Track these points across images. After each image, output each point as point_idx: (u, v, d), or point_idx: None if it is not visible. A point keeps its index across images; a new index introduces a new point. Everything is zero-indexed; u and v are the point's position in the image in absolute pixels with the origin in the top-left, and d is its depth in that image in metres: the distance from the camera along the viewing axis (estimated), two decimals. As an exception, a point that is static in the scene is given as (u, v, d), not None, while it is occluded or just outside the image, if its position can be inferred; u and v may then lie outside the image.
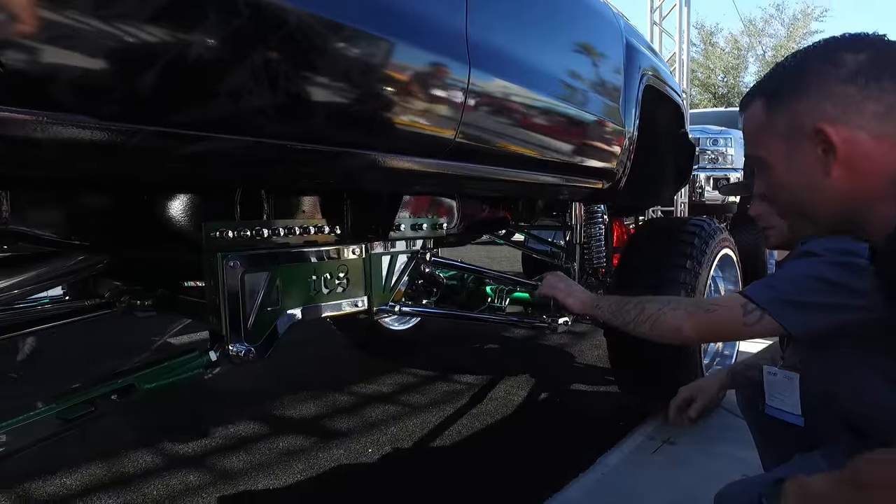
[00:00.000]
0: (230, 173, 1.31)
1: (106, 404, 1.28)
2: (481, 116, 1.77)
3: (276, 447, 2.60)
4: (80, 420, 1.24)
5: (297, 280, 1.64)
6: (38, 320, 1.84)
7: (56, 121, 0.92)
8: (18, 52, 0.84)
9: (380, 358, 3.99)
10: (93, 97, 0.95)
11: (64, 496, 2.18)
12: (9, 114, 0.87)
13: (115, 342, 4.46)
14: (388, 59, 1.45)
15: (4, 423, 1.12)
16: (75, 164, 1.04)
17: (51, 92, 0.90)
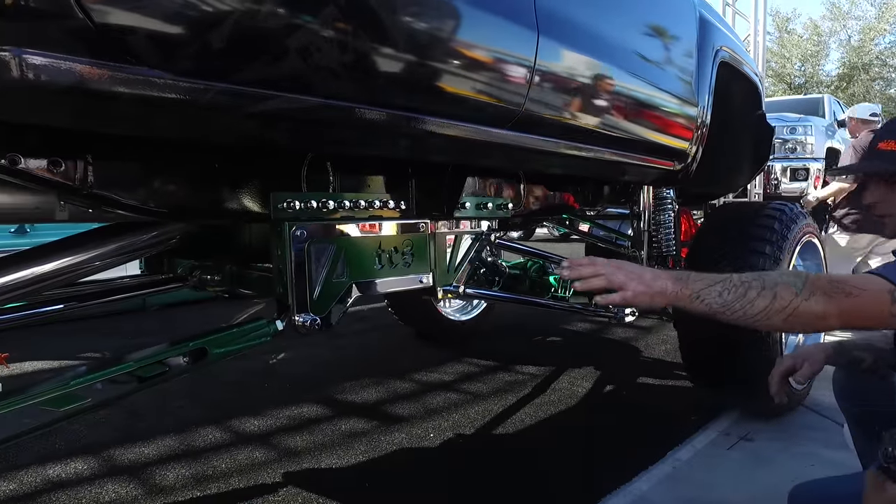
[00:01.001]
0: (297, 136, 1.30)
1: (177, 366, 1.30)
2: (549, 86, 1.71)
3: (339, 429, 2.62)
4: (154, 380, 1.27)
5: (362, 253, 1.63)
6: (118, 289, 1.91)
7: (134, 75, 0.93)
8: (105, 5, 0.86)
9: (440, 347, 3.97)
10: (169, 53, 0.96)
11: (143, 463, 2.27)
12: (94, 67, 0.88)
13: (185, 328, 4.66)
14: (456, 22, 1.42)
15: (85, 377, 1.16)
16: (150, 122, 1.05)
17: (131, 47, 0.91)
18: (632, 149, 2.27)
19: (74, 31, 0.86)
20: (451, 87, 1.45)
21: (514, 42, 1.57)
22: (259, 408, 2.85)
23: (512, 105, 1.63)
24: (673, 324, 2.95)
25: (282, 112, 1.14)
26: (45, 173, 1.21)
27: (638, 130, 2.22)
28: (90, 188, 1.26)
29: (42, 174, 1.21)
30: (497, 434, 2.58)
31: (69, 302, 1.90)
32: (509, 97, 1.61)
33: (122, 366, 1.21)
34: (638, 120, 2.19)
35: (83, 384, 1.15)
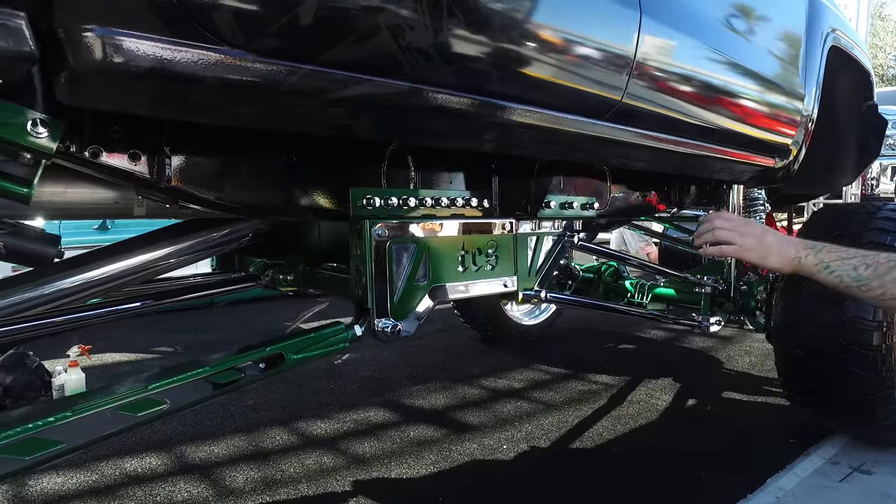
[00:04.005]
0: (381, 125, 1.20)
1: (253, 372, 1.23)
2: (651, 73, 1.55)
3: (407, 436, 2.52)
4: (230, 386, 1.20)
5: (445, 254, 1.52)
6: (195, 287, 1.89)
7: (216, 56, 0.85)
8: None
9: (508, 353, 3.83)
10: (252, 31, 0.87)
11: (213, 462, 2.25)
12: (176, 47, 0.81)
13: (251, 324, 4.71)
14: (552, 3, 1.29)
15: (163, 381, 1.10)
16: (229, 109, 0.97)
17: (214, 24, 0.83)
18: (732, 143, 2.07)
19: (159, 8, 0.79)
20: (547, 74, 1.32)
21: (616, 23, 1.42)
22: (325, 410, 2.80)
23: (611, 94, 1.48)
24: (766, 336, 2.71)
25: (368, 98, 1.04)
26: (124, 166, 1.16)
27: (740, 123, 2.01)
28: (167, 182, 1.21)
29: (122, 167, 1.16)
30: (574, 448, 2.42)
31: (146, 300, 1.88)
32: (608, 85, 1.46)
33: (198, 370, 1.14)
34: (740, 111, 1.99)
35: (162, 388, 1.09)
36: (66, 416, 0.99)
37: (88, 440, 1.03)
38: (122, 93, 0.86)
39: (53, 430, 0.98)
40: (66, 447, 1.00)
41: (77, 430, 1.01)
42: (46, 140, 0.97)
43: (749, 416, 2.82)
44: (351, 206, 1.41)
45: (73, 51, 0.77)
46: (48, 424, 0.98)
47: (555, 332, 4.30)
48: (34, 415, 0.99)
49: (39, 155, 1.01)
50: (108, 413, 1.04)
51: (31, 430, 0.96)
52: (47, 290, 1.56)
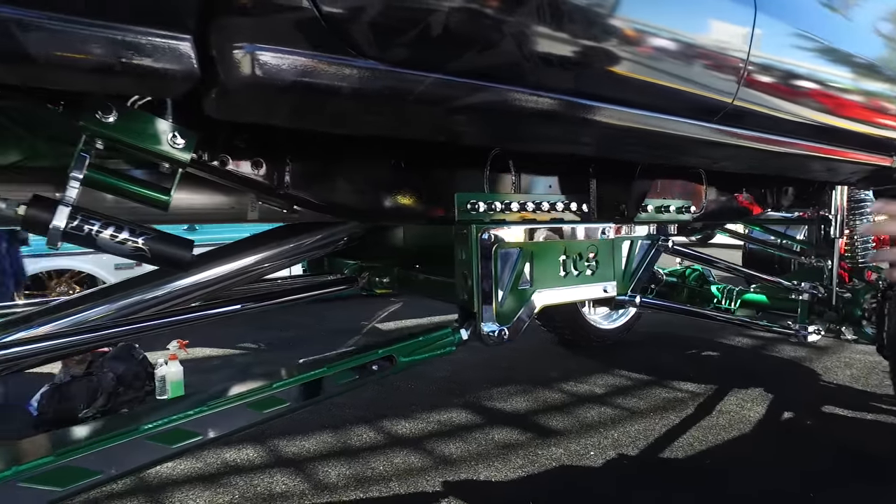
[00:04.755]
0: (497, 129, 1.20)
1: (367, 373, 1.26)
2: (766, 70, 1.48)
3: (492, 438, 2.52)
4: (346, 387, 1.23)
5: (547, 259, 1.50)
6: (294, 290, 1.95)
7: (354, 68, 0.87)
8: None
9: (586, 357, 3.77)
10: (386, 42, 0.89)
11: (306, 457, 2.33)
12: (318, 61, 0.84)
13: (325, 324, 4.84)
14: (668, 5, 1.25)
15: (285, 381, 1.14)
16: (360, 118, 1.00)
17: (352, 37, 0.85)
18: (847, 143, 1.94)
19: (302, 24, 0.82)
20: (659, 77, 1.28)
21: (730, 20, 1.37)
22: (408, 409, 2.84)
23: (721, 95, 1.42)
24: (877, 348, 2.54)
25: (489, 104, 1.05)
26: (247, 174, 1.22)
27: (857, 122, 1.89)
28: (286, 189, 1.25)
29: (245, 174, 1.21)
30: (664, 458, 2.34)
31: (247, 302, 1.96)
32: (720, 85, 1.40)
33: (317, 371, 1.18)
34: (859, 109, 1.87)
35: (285, 387, 1.13)
36: (202, 410, 1.05)
37: (221, 433, 1.09)
38: (265, 105, 0.90)
39: (192, 423, 1.04)
40: (203, 439, 1.06)
41: (211, 423, 1.07)
42: (183, 150, 1.04)
43: (856, 435, 2.65)
44: (456, 211, 1.42)
45: (224, 67, 0.81)
46: (188, 417, 1.04)
47: (633, 336, 4.19)
48: (176, 407, 1.05)
49: (177, 164, 1.08)
50: (238, 409, 1.09)
51: (175, 420, 1.02)
52: (158, 292, 1.67)
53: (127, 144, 1.01)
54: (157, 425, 1.01)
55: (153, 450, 1.02)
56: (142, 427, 1.00)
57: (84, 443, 0.97)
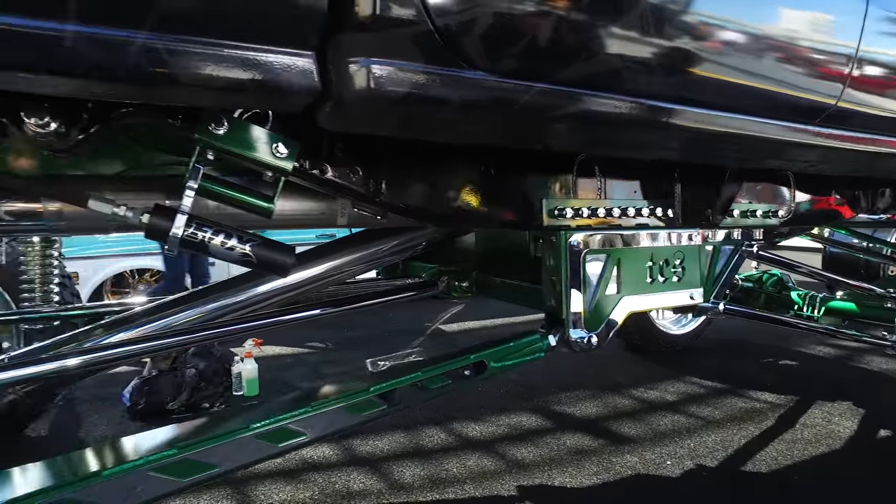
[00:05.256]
0: (600, 136, 1.20)
1: (459, 378, 1.27)
2: (875, 68, 1.40)
3: (564, 444, 2.50)
4: (439, 391, 1.25)
5: (634, 265, 1.48)
6: (373, 294, 2.00)
7: (465, 79, 0.89)
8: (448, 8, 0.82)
9: (655, 362, 3.67)
10: (496, 54, 0.90)
11: (380, 457, 2.37)
12: (431, 73, 0.85)
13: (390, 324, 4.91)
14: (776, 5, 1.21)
15: (382, 384, 1.17)
16: (464, 127, 1.01)
17: (464, 49, 0.87)
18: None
19: (417, 38, 0.83)
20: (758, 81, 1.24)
21: (838, 14, 1.31)
22: (478, 412, 2.84)
23: (824, 96, 1.36)
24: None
25: (592, 112, 1.04)
26: (344, 181, 1.25)
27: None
28: (380, 195, 1.28)
29: (342, 182, 1.25)
30: (747, 471, 2.26)
31: (326, 306, 2.01)
32: (823, 86, 1.34)
33: (413, 376, 1.20)
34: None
35: (382, 391, 1.16)
36: (307, 411, 1.09)
37: (323, 434, 1.12)
38: (377, 117, 0.92)
39: (297, 423, 1.08)
40: (307, 439, 1.10)
41: (313, 424, 1.11)
42: (286, 160, 1.08)
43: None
44: (543, 217, 1.42)
45: (341, 81, 0.84)
46: (292, 417, 1.08)
47: (703, 342, 4.06)
48: (282, 407, 1.09)
49: (280, 173, 1.12)
50: (338, 411, 1.13)
51: (282, 420, 1.06)
52: (243, 296, 1.74)
53: (235, 154, 1.06)
54: (265, 424, 1.06)
55: (261, 448, 1.07)
56: (252, 425, 1.05)
57: (202, 438, 1.02)
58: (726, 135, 1.27)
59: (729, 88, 1.18)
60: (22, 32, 0.65)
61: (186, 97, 0.80)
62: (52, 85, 0.71)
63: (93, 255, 5.13)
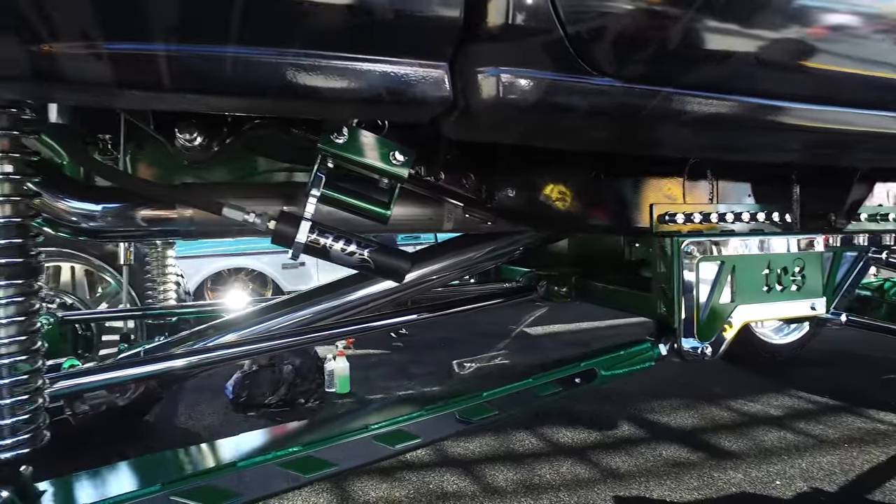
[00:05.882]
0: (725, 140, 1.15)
1: (570, 386, 1.26)
2: None
3: (660, 455, 2.41)
4: (550, 397, 1.24)
5: (750, 272, 1.40)
6: (468, 299, 2.01)
7: (591, 85, 0.88)
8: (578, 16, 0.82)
9: (754, 372, 3.48)
10: (623, 59, 0.88)
11: (472, 459, 2.38)
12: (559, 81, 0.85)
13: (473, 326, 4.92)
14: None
15: (496, 391, 1.17)
16: (588, 133, 1.00)
17: (592, 56, 0.86)
18: None
19: (547, 46, 0.83)
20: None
21: None
22: (568, 418, 2.80)
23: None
24: None
25: (719, 116, 1.00)
26: (456, 188, 1.27)
27: None
28: (491, 201, 1.29)
29: (454, 189, 1.27)
30: (876, 501, 2.08)
31: (422, 312, 2.04)
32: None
33: (524, 382, 1.20)
34: None
35: (494, 397, 1.16)
36: (422, 414, 1.11)
37: (436, 437, 1.14)
38: (503, 125, 0.93)
39: (412, 427, 1.11)
40: (421, 441, 1.13)
41: (426, 428, 1.13)
42: (402, 167, 1.10)
43: None
44: (652, 222, 1.38)
45: (469, 91, 0.85)
46: (408, 420, 1.10)
47: (808, 353, 3.80)
48: (396, 410, 1.12)
49: (396, 180, 1.14)
50: (451, 416, 1.14)
51: (398, 422, 1.09)
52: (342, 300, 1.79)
53: (354, 162, 1.09)
54: (382, 426, 1.09)
55: (378, 449, 1.10)
56: (370, 427, 1.08)
57: (323, 437, 1.07)
58: (868, 134, 1.18)
59: (871, 84, 1.10)
60: (187, 57, 0.71)
61: (326, 111, 0.84)
62: (213, 105, 0.77)
63: (194, 255, 5.49)
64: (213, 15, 0.70)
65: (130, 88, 0.71)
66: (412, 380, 3.66)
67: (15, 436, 0.96)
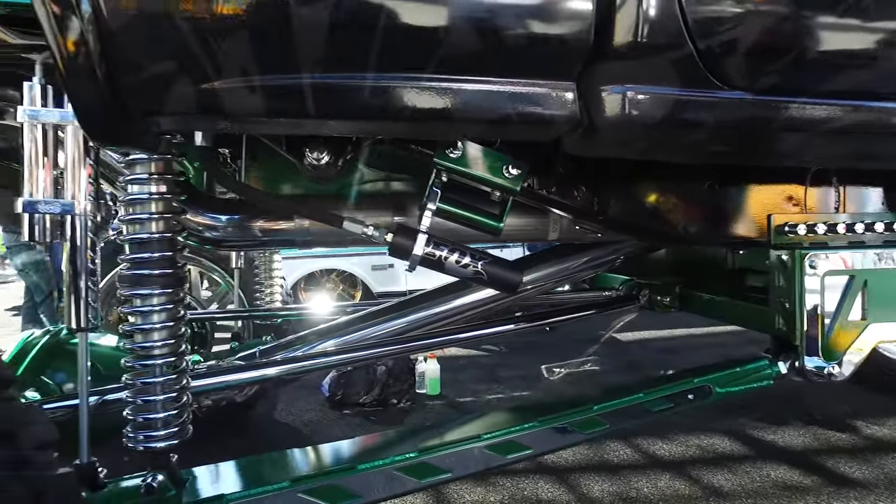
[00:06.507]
0: (863, 149, 1.09)
1: (682, 401, 1.23)
2: None
3: (767, 475, 2.29)
4: (661, 413, 1.22)
5: (886, 287, 1.31)
6: (568, 308, 2.00)
7: (721, 99, 0.86)
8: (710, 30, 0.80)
9: (874, 391, 3.21)
10: (757, 72, 0.86)
11: (565, 467, 2.36)
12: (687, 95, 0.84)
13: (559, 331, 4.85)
14: None
15: (606, 404, 1.17)
16: (712, 146, 0.98)
17: (722, 70, 0.84)
18: None
19: (676, 62, 0.82)
20: None
21: None
22: (663, 428, 2.71)
23: None
24: None
25: (858, 124, 0.94)
26: (567, 200, 1.27)
27: None
28: (603, 213, 1.28)
29: (565, 201, 1.27)
30: None
31: (519, 322, 2.05)
32: None
33: (634, 397, 1.18)
34: None
35: (604, 410, 1.16)
36: (535, 426, 1.13)
37: (547, 449, 1.15)
38: (626, 142, 0.92)
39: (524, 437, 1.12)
40: (532, 452, 1.14)
41: (538, 438, 1.14)
42: (515, 181, 1.12)
43: None
44: (771, 234, 1.32)
45: (595, 108, 0.85)
46: (521, 431, 1.12)
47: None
48: (508, 420, 1.14)
49: (509, 193, 1.16)
50: (562, 428, 1.15)
51: (511, 433, 1.11)
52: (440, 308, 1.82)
53: (469, 176, 1.12)
54: (495, 436, 1.11)
55: (490, 458, 1.12)
56: (483, 436, 1.11)
57: (438, 444, 1.11)
58: None
59: None
60: (333, 87, 0.76)
61: (454, 132, 0.87)
62: (351, 129, 0.82)
63: (289, 257, 5.77)
64: (357, 47, 0.74)
65: (281, 117, 0.77)
66: (501, 383, 3.67)
67: (167, 428, 1.07)
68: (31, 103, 0.96)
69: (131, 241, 1.08)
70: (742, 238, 1.39)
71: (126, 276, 1.08)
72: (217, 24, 0.70)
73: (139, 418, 1.07)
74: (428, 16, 0.73)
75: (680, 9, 0.78)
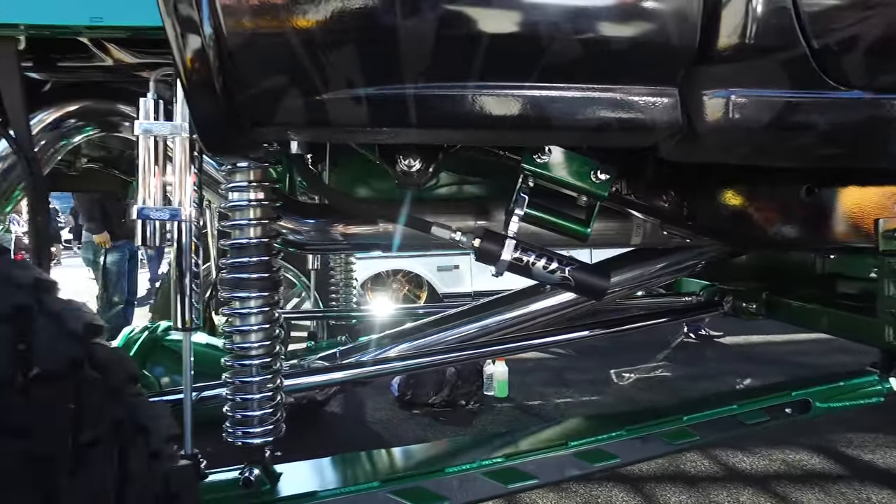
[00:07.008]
0: None
1: (779, 415, 1.18)
2: None
3: (863, 495, 2.16)
4: (756, 426, 1.17)
5: None
6: (647, 315, 1.95)
7: (836, 100, 0.81)
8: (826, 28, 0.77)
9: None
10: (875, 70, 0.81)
11: (639, 476, 2.30)
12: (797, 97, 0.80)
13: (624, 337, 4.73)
14: None
15: (697, 415, 1.13)
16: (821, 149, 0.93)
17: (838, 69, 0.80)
18: None
19: (787, 63, 0.79)
20: None
21: None
22: (746, 441, 2.60)
23: None
24: None
25: None
26: (656, 204, 1.24)
27: None
28: (691, 218, 1.24)
29: (653, 205, 1.24)
30: None
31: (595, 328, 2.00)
32: None
33: (728, 408, 1.14)
34: None
35: (695, 422, 1.12)
36: (622, 435, 1.11)
37: (635, 459, 1.13)
38: (728, 147, 0.89)
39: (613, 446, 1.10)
40: (619, 462, 1.12)
41: (627, 448, 1.12)
42: (602, 186, 1.10)
43: None
44: (879, 240, 1.23)
45: (694, 114, 0.83)
46: (611, 439, 1.10)
47: None
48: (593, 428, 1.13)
49: (597, 198, 1.14)
50: (651, 438, 1.12)
51: (599, 441, 1.09)
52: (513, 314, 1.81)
53: (556, 181, 1.11)
54: (584, 444, 1.10)
55: (577, 465, 1.11)
56: (570, 443, 1.10)
57: (525, 450, 1.10)
58: None
59: None
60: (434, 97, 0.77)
61: (552, 139, 0.87)
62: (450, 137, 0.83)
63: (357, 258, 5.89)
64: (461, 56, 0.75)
65: (384, 126, 0.79)
66: (569, 387, 3.63)
67: (263, 425, 1.11)
68: (146, 117, 1.02)
69: (231, 246, 1.13)
70: (844, 243, 1.31)
71: (226, 279, 1.14)
72: (326, 40, 0.73)
73: (237, 415, 1.12)
74: (531, 24, 0.73)
75: (793, 4, 0.74)
